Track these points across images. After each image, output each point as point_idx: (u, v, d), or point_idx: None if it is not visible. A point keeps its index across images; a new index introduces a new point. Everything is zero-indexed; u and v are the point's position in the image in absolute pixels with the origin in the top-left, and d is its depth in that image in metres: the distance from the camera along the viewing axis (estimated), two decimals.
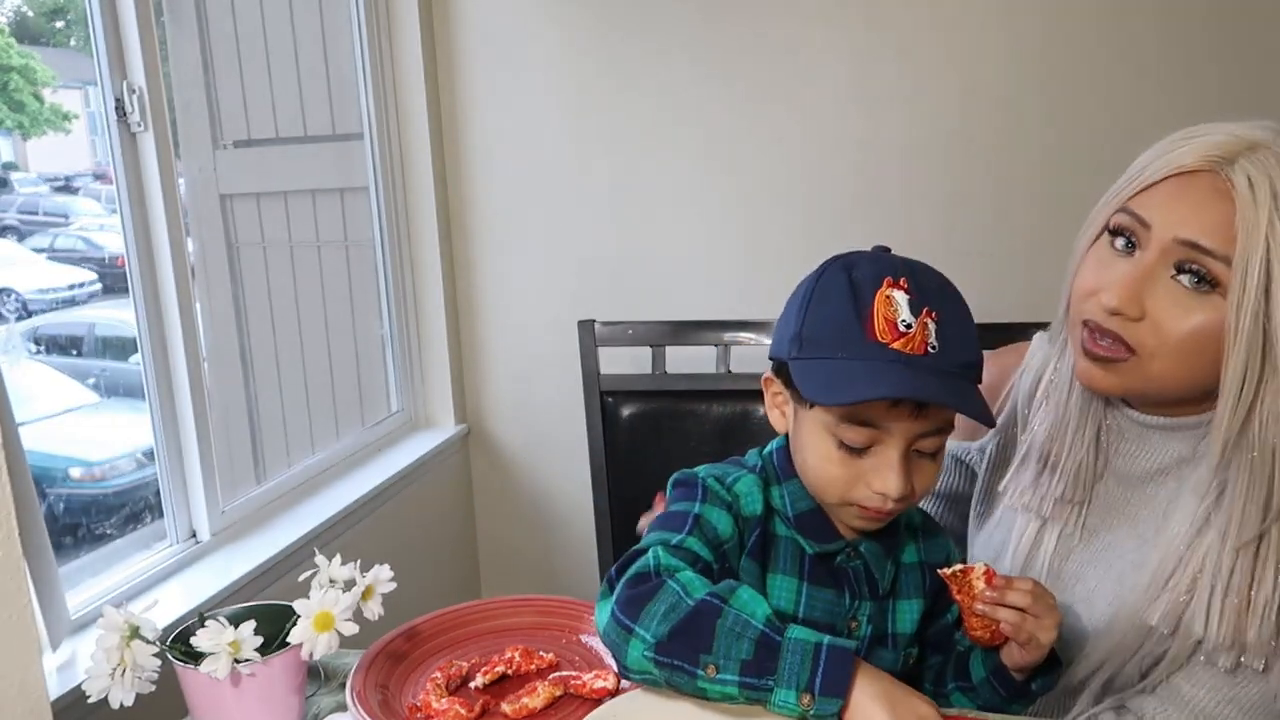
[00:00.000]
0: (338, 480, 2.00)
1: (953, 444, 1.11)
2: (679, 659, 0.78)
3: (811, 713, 0.75)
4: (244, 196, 2.20)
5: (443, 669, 0.93)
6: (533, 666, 0.95)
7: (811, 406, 0.87)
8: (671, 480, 0.94)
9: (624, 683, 0.91)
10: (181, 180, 1.60)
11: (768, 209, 2.12)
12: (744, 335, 1.66)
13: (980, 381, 0.86)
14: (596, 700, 0.87)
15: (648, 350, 1.69)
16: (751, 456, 0.97)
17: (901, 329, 0.81)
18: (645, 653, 0.78)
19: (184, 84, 2.00)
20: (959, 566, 0.88)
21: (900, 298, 0.82)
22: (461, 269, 2.34)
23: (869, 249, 0.90)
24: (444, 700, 0.88)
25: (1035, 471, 1.03)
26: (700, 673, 0.77)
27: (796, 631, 0.78)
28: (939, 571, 0.89)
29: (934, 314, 0.83)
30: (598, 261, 2.25)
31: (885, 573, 0.93)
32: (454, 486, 2.40)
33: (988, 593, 0.86)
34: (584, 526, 2.00)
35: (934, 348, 0.82)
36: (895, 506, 0.86)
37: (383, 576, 0.91)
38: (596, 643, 0.99)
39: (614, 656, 0.83)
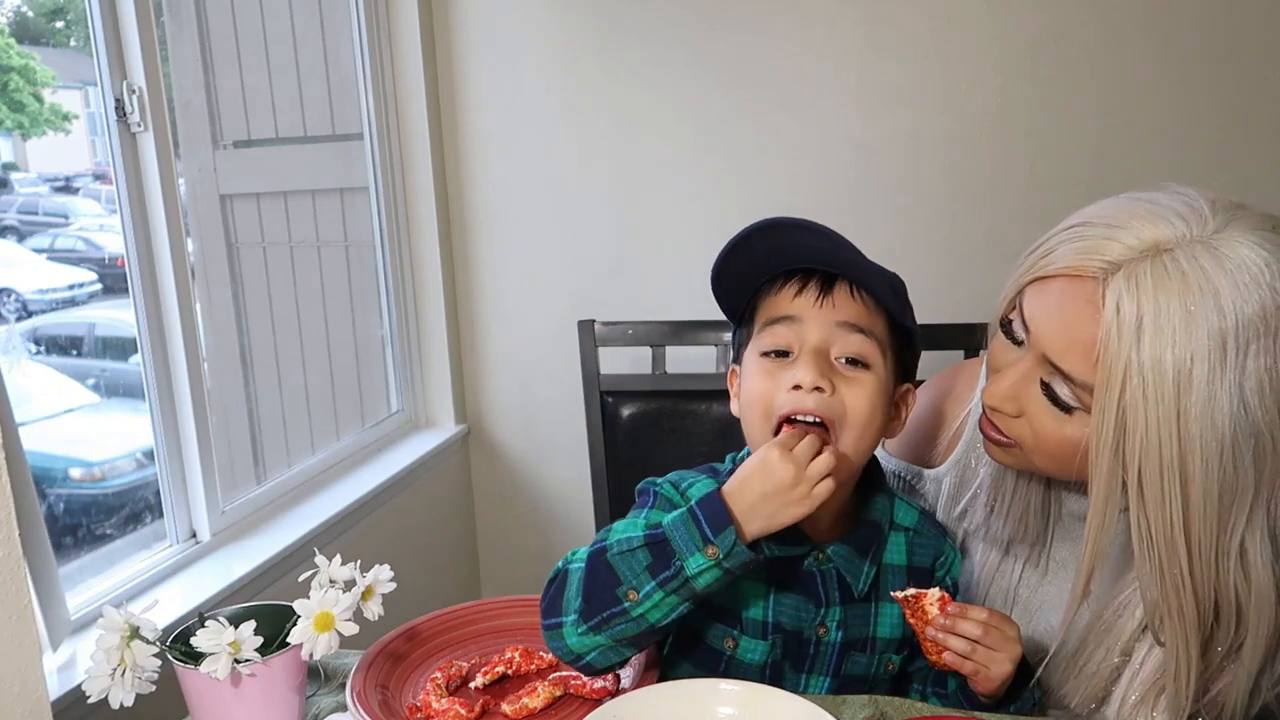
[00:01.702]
0: (338, 480, 2.00)
1: (900, 466, 1.10)
2: (603, 610, 0.82)
3: (722, 557, 0.80)
4: (244, 196, 2.19)
5: (443, 669, 0.93)
6: (533, 666, 0.95)
7: (744, 348, 0.91)
8: (637, 489, 0.97)
9: (624, 683, 0.91)
10: (181, 180, 1.60)
11: (768, 209, 2.11)
12: None
13: (895, 295, 0.87)
14: (596, 700, 0.87)
15: (648, 350, 1.69)
16: (727, 461, 0.98)
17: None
18: (578, 630, 0.83)
19: (184, 84, 2.00)
20: (912, 591, 0.87)
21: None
22: (461, 269, 2.34)
23: None
24: (444, 700, 0.88)
25: (985, 513, 1.02)
26: (626, 604, 0.82)
27: (669, 517, 0.83)
28: (892, 595, 0.88)
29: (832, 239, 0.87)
30: (598, 261, 2.25)
31: (862, 575, 0.92)
32: (454, 486, 2.40)
33: (939, 619, 0.86)
34: (584, 526, 2.00)
35: (829, 249, 0.87)
36: (817, 404, 0.85)
37: (383, 576, 0.91)
38: None
39: (567, 662, 0.86)
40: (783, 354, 0.88)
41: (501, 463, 2.43)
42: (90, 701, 0.83)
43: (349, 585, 0.89)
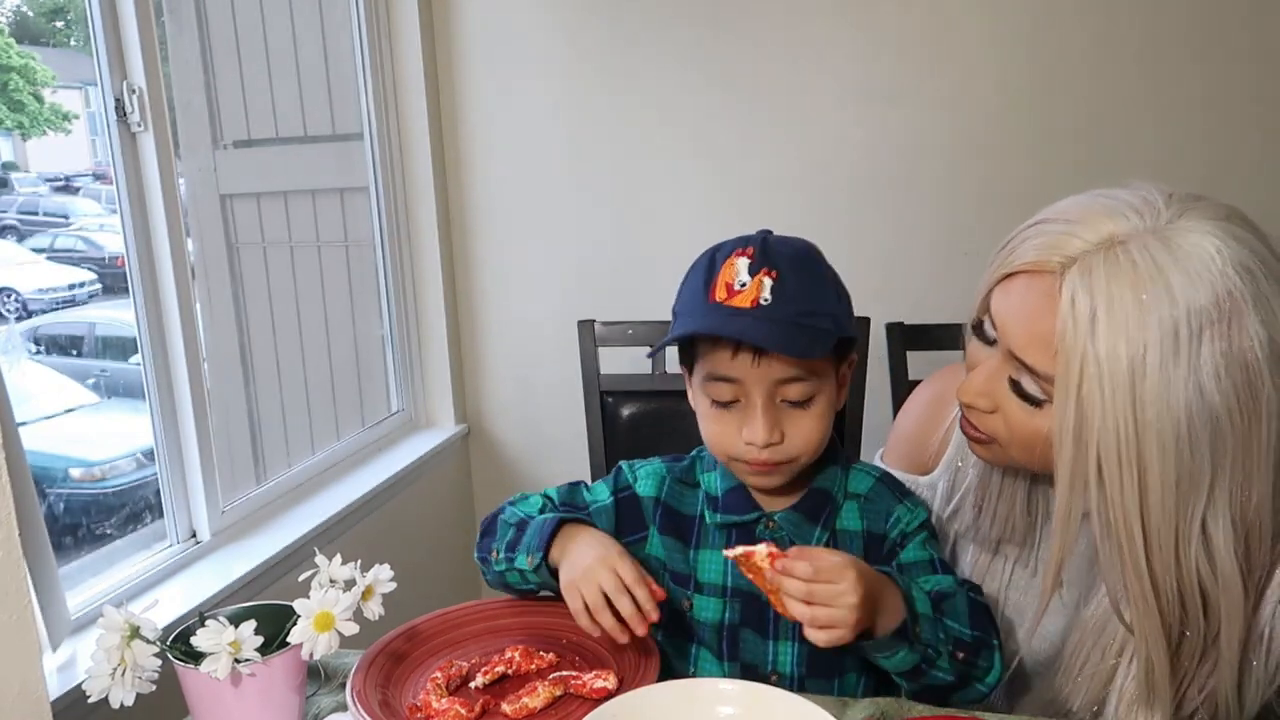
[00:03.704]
0: (338, 480, 2.00)
1: (898, 476, 1.11)
2: (482, 552, 1.04)
3: (533, 569, 0.96)
4: (244, 196, 2.19)
5: (443, 669, 0.93)
6: (533, 666, 0.95)
7: (692, 375, 0.98)
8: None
9: (624, 682, 0.91)
10: (181, 180, 1.60)
11: (767, 209, 2.12)
12: None
13: (834, 328, 0.91)
14: (596, 700, 0.87)
15: (648, 350, 1.69)
16: (694, 450, 1.06)
17: (737, 288, 0.91)
18: (475, 554, 1.05)
19: (184, 84, 2.00)
20: (740, 549, 0.86)
21: (742, 263, 0.92)
22: (461, 269, 2.34)
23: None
24: (444, 700, 0.88)
25: (973, 514, 1.03)
26: (491, 558, 1.02)
27: (546, 515, 0.99)
28: (724, 553, 0.88)
29: (773, 273, 0.90)
30: (598, 261, 2.25)
31: (812, 540, 0.98)
32: (454, 486, 2.40)
33: (767, 574, 0.85)
34: None
35: (766, 300, 0.89)
36: (771, 455, 0.93)
37: (383, 576, 0.91)
38: (597, 642, 1.00)
39: None
40: (731, 403, 0.94)
41: (501, 462, 2.43)
42: (90, 701, 0.83)
43: (349, 585, 0.89)
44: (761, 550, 0.85)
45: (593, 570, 0.90)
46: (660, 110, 2.15)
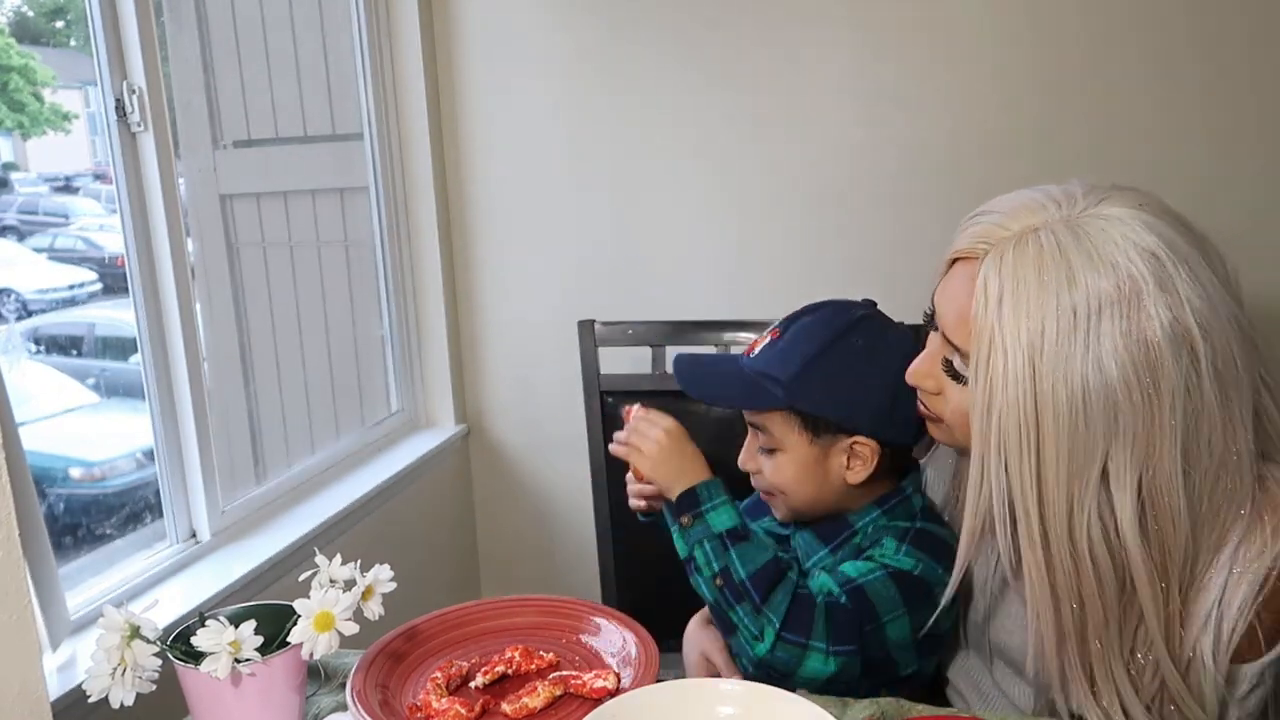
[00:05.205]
0: (338, 480, 2.00)
1: None
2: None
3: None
4: (244, 196, 2.19)
5: (443, 669, 0.93)
6: (533, 666, 0.95)
7: None
8: None
9: (624, 682, 0.91)
10: (181, 180, 1.60)
11: (768, 209, 2.12)
12: (743, 335, 1.66)
13: (782, 395, 1.02)
14: (596, 700, 0.88)
15: (648, 350, 1.69)
16: None
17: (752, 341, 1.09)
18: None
19: (184, 84, 2.00)
20: (627, 409, 1.09)
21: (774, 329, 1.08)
22: (461, 269, 2.34)
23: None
24: (444, 700, 0.88)
25: (953, 505, 1.05)
26: None
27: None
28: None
29: (779, 333, 1.06)
30: (598, 261, 2.25)
31: (814, 559, 1.07)
32: (454, 486, 2.40)
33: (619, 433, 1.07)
34: (584, 526, 2.00)
35: (752, 354, 1.06)
36: (755, 481, 1.09)
37: (383, 576, 0.91)
38: (597, 642, 1.00)
39: None
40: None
41: (501, 462, 2.43)
42: (90, 701, 0.83)
43: (349, 585, 0.89)
44: (637, 409, 1.08)
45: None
46: (660, 110, 2.15)
